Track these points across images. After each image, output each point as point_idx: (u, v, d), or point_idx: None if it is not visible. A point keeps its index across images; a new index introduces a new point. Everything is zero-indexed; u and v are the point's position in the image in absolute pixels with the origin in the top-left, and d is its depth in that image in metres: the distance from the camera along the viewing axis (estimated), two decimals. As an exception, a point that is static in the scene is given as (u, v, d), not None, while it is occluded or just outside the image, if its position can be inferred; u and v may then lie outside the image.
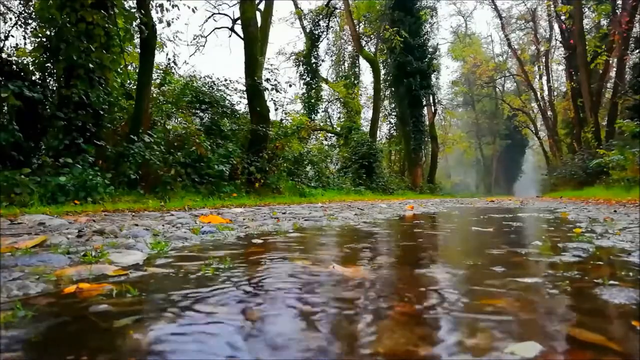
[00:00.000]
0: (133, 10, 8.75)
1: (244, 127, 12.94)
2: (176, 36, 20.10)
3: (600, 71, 21.77)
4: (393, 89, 28.50)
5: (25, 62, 7.99)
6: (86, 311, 0.97)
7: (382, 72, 27.56)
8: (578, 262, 1.65)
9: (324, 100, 28.98)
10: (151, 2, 9.26)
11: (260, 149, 11.91)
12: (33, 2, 8.38)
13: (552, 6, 27.74)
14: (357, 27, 26.53)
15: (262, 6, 17.22)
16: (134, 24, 8.67)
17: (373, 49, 28.68)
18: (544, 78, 35.62)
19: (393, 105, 30.38)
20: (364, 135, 23.02)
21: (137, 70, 9.98)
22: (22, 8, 8.58)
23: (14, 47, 8.48)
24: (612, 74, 22.48)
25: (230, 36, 21.77)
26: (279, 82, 14.25)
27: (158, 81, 12.76)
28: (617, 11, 21.19)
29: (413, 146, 27.22)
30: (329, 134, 27.02)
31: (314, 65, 27.24)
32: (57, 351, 0.76)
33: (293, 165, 14.80)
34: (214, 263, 1.61)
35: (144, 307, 1.02)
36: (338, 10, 28.03)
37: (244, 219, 4.02)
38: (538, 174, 48.72)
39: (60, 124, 7.03)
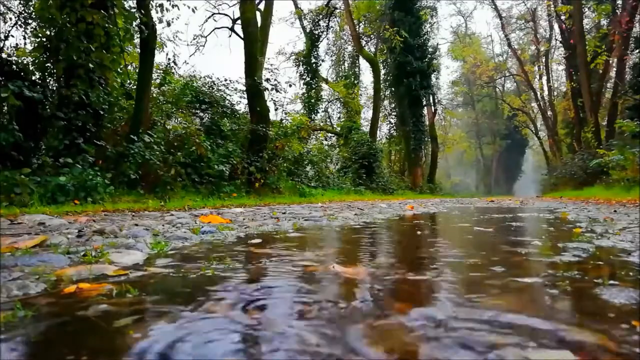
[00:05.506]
0: (133, 10, 8.75)
1: (244, 127, 12.94)
2: (176, 36, 20.12)
3: (600, 71, 21.77)
4: (393, 89, 28.50)
5: (25, 62, 7.99)
6: (86, 311, 0.97)
7: (382, 72, 27.56)
8: (578, 262, 1.65)
9: (324, 100, 28.99)
10: (151, 2, 9.26)
11: (260, 149, 11.91)
12: (33, 2, 8.38)
13: (552, 6, 27.76)
14: (357, 27, 26.52)
15: (262, 6, 17.24)
16: (134, 24, 8.67)
17: (373, 49, 28.68)
18: (544, 78, 35.71)
19: (393, 105, 30.39)
20: (364, 135, 23.01)
21: (137, 70, 9.98)
22: (22, 8, 8.58)
23: (14, 47, 8.49)
24: (612, 74, 22.49)
25: (230, 36, 21.79)
26: (279, 82, 14.26)
27: (158, 81, 12.76)
28: (617, 11, 21.19)
29: (413, 146, 27.23)
30: (329, 134, 27.01)
31: (314, 65, 27.22)
32: (57, 351, 0.76)
33: (293, 165, 14.80)
34: (214, 263, 1.61)
35: (144, 307, 1.02)
36: (338, 10, 28.02)
37: (244, 219, 4.02)
38: (538, 174, 48.67)
39: (60, 124, 7.03)
